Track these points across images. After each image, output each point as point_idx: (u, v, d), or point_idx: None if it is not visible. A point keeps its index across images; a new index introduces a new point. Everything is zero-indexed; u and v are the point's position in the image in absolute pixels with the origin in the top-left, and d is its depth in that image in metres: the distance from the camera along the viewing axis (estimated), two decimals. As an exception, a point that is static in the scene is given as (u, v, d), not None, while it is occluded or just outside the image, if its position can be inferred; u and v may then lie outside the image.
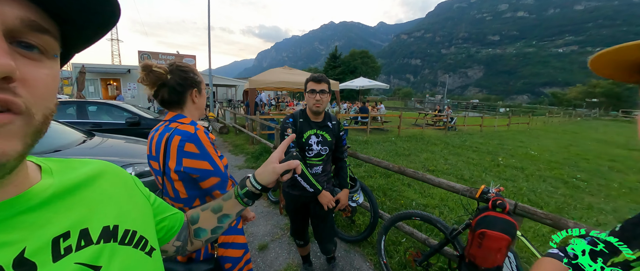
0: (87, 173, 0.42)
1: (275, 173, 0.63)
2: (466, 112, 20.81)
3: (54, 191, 0.36)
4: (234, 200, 0.66)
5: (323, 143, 1.81)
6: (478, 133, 12.59)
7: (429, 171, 5.44)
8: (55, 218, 0.34)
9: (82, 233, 0.36)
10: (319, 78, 1.72)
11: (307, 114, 1.82)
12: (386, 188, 4.25)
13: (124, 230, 0.42)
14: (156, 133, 1.12)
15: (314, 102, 1.71)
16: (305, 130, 1.79)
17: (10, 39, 0.26)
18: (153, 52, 18.22)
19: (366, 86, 14.58)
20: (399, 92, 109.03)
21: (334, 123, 1.89)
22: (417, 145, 8.25)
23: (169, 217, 0.60)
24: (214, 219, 0.67)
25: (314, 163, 1.83)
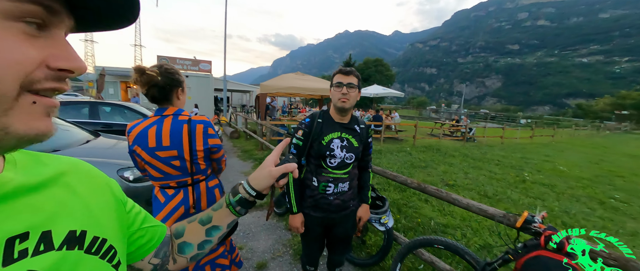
0: (56, 170, 0.39)
1: (271, 177, 0.58)
2: (485, 122, 19.88)
3: (15, 185, 0.32)
4: (226, 210, 0.60)
5: (349, 150, 1.52)
6: (499, 145, 11.94)
7: (448, 186, 5.04)
8: (13, 215, 0.31)
9: (43, 235, 0.32)
10: (347, 71, 1.47)
11: (330, 114, 1.55)
12: (401, 204, 3.91)
13: (92, 236, 0.38)
14: (166, 125, 1.35)
15: (340, 96, 1.45)
16: (327, 133, 1.51)
17: None
18: (171, 57, 18.65)
19: (380, 94, 14.25)
20: (413, 101, 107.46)
21: (362, 127, 1.61)
22: (434, 157, 7.81)
23: (148, 229, 0.54)
24: (201, 232, 0.60)
25: (338, 176, 1.51)
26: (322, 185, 1.53)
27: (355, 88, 1.48)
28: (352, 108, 1.57)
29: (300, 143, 1.54)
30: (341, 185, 1.55)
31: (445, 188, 4.77)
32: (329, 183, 1.52)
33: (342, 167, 1.53)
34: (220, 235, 0.61)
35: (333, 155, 1.50)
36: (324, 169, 1.53)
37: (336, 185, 1.53)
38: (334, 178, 1.52)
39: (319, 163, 1.54)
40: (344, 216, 1.62)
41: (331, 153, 1.49)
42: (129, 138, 1.37)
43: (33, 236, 0.31)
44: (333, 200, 1.54)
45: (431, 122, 19.04)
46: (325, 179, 1.52)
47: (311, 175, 1.57)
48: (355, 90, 1.49)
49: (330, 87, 1.53)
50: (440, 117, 44.10)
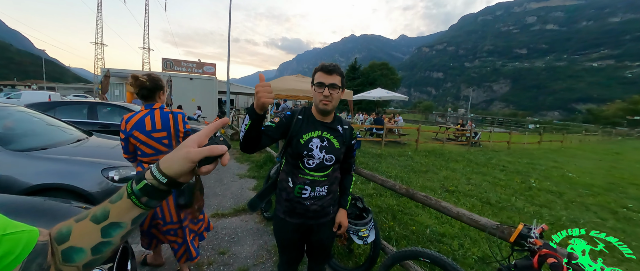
0: None
1: (188, 160, 0.46)
2: (491, 127, 19.38)
3: None
4: (127, 201, 0.47)
5: (329, 151, 1.41)
6: (505, 150, 11.61)
7: (448, 192, 4.83)
8: None
9: None
10: (330, 69, 1.35)
11: (312, 112, 1.44)
12: (396, 210, 3.72)
13: None
14: (158, 115, 1.88)
15: (321, 98, 1.35)
16: (306, 131, 1.40)
17: None
18: (175, 60, 18.83)
19: (384, 97, 14.06)
20: (419, 105, 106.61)
21: (345, 128, 1.50)
22: (436, 161, 7.58)
23: (2, 238, 0.41)
24: (95, 232, 0.47)
25: (315, 178, 1.40)
26: (298, 188, 1.40)
27: (338, 89, 1.36)
28: (335, 109, 1.44)
29: (273, 125, 1.39)
30: (319, 189, 1.42)
31: (445, 195, 4.56)
32: (306, 186, 1.40)
33: (321, 169, 1.41)
34: (124, 234, 0.49)
35: (311, 155, 1.38)
36: (300, 170, 1.40)
37: (313, 189, 1.40)
38: (311, 180, 1.40)
39: (296, 163, 1.41)
40: (322, 224, 1.49)
41: (309, 153, 1.38)
42: (127, 125, 1.81)
43: None
44: (310, 205, 1.41)
45: (436, 127, 18.74)
46: (302, 181, 1.39)
47: (287, 176, 1.45)
48: (338, 91, 1.37)
49: (312, 85, 1.40)
50: (446, 122, 43.53)
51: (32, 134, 3.12)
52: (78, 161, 2.67)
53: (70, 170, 2.53)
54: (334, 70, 1.35)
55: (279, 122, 1.42)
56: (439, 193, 4.67)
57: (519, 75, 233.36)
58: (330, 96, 1.34)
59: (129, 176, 2.88)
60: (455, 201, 4.37)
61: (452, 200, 4.41)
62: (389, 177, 5.44)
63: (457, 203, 4.29)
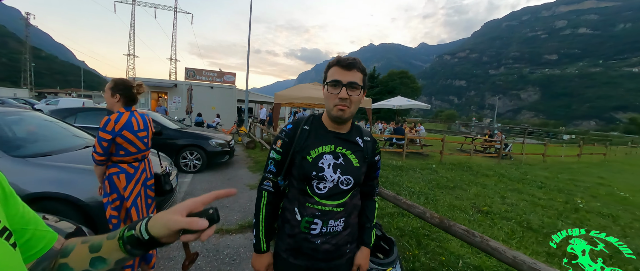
0: None
1: (167, 228, 0.48)
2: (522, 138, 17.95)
3: None
4: (116, 242, 0.51)
5: (346, 170, 1.08)
6: (540, 163, 10.61)
7: (481, 213, 4.26)
8: None
9: None
10: (348, 63, 1.02)
11: (323, 120, 1.14)
12: (421, 234, 3.25)
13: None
14: (138, 115, 2.03)
15: (337, 102, 1.01)
16: (315, 145, 1.08)
17: None
18: (197, 69, 19.37)
19: (404, 106, 13.52)
20: (441, 114, 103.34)
21: (366, 141, 1.16)
22: (464, 176, 6.94)
23: (35, 232, 0.49)
24: (86, 259, 0.51)
25: (329, 208, 1.06)
26: (306, 221, 1.06)
27: (359, 90, 1.02)
28: (353, 117, 1.10)
29: (279, 158, 1.11)
30: (333, 223, 1.07)
31: (477, 216, 4.03)
32: (316, 219, 1.06)
33: (336, 196, 1.07)
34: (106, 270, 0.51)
35: (322, 176, 1.05)
36: (309, 198, 1.07)
37: (326, 223, 1.06)
38: (323, 211, 1.06)
39: (302, 188, 1.08)
40: (336, 267, 1.14)
41: (320, 175, 1.05)
42: (116, 125, 1.84)
43: None
44: (321, 243, 1.07)
45: (461, 137, 17.75)
46: (311, 213, 1.06)
47: (292, 205, 1.12)
48: (359, 93, 1.03)
49: (324, 86, 1.07)
50: (470, 132, 41.60)
51: (39, 140, 3.07)
52: (78, 168, 2.53)
53: (67, 178, 2.41)
54: (353, 65, 1.02)
55: (283, 145, 1.12)
56: (470, 214, 4.12)
57: (549, 83, 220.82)
58: (348, 99, 1.00)
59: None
60: (490, 224, 3.82)
61: (486, 223, 3.86)
62: (412, 194, 4.96)
63: (492, 227, 3.74)
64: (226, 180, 5.52)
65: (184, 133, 6.29)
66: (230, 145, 6.76)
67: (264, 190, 1.14)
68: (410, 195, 4.85)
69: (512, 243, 3.31)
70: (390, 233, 3.30)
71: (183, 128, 6.71)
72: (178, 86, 17.00)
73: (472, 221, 3.87)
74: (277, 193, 1.16)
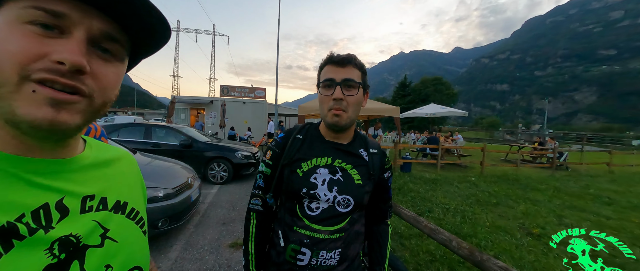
0: (112, 156, 0.54)
1: None
2: (580, 145, 15.73)
3: (90, 162, 0.47)
4: None
5: (344, 189, 0.89)
6: (605, 175, 9.13)
7: (531, 236, 3.64)
8: (88, 182, 0.45)
9: (102, 199, 0.46)
10: (342, 59, 0.86)
11: (320, 129, 0.98)
12: (455, 261, 2.80)
13: (131, 207, 0.51)
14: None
15: (331, 105, 0.86)
16: (308, 156, 0.92)
17: (92, 43, 0.37)
18: (231, 86, 20.46)
19: (439, 113, 12.70)
20: (482, 121, 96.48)
21: (373, 153, 0.97)
22: (510, 190, 6.15)
23: None
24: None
25: (322, 236, 0.86)
26: (291, 249, 0.87)
27: (356, 89, 0.85)
28: (354, 124, 0.93)
29: (268, 172, 0.97)
30: (325, 255, 0.86)
31: (527, 240, 3.44)
32: (303, 247, 0.85)
33: (331, 220, 0.87)
34: None
35: (315, 195, 0.87)
36: (297, 220, 0.88)
37: (316, 253, 0.85)
38: (314, 239, 0.85)
39: (292, 207, 0.90)
40: None
41: (311, 192, 0.87)
42: (97, 133, 1.88)
43: (97, 198, 0.45)
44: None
45: (505, 146, 16.18)
46: (298, 239, 0.86)
47: (278, 228, 0.93)
48: (356, 92, 0.85)
49: (318, 88, 0.91)
50: (517, 140, 38.05)
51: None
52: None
53: None
54: (348, 60, 0.85)
55: (272, 157, 0.96)
56: (518, 237, 3.53)
57: (608, 81, 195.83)
58: (343, 101, 0.83)
59: (151, 196, 2.90)
60: (544, 250, 3.21)
61: (539, 248, 3.26)
62: (446, 211, 4.45)
63: (546, 255, 3.14)
64: (249, 192, 5.49)
65: (212, 146, 6.49)
66: (256, 157, 6.81)
67: (253, 211, 0.98)
68: (444, 213, 4.35)
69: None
70: (418, 258, 2.92)
71: (212, 141, 6.93)
72: (214, 102, 17.99)
73: (520, 246, 3.30)
74: (267, 213, 0.98)
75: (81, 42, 0.35)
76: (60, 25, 0.34)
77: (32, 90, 0.33)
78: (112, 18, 0.38)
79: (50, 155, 0.41)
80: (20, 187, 0.36)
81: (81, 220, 0.41)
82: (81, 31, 0.36)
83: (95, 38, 0.37)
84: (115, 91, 0.42)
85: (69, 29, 0.35)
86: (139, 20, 0.40)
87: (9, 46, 0.32)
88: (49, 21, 0.33)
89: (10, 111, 0.33)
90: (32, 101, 0.33)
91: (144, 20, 0.40)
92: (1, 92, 0.33)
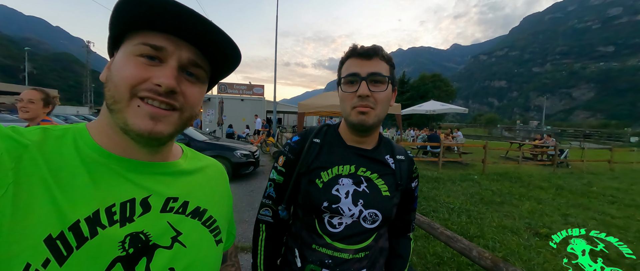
0: (204, 165, 0.60)
1: None
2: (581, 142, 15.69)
3: (183, 168, 0.54)
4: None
5: (370, 202, 0.78)
6: (607, 172, 9.10)
7: (538, 236, 3.56)
8: (175, 185, 0.51)
9: (183, 203, 0.50)
10: (367, 50, 0.74)
11: (340, 132, 0.87)
12: (464, 263, 2.72)
13: (209, 215, 0.54)
14: None
15: (355, 102, 0.74)
16: (329, 165, 0.81)
17: (182, 69, 0.46)
18: (229, 83, 20.22)
19: (438, 110, 12.67)
20: (480, 118, 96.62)
21: (400, 161, 0.86)
22: (513, 188, 6.08)
23: (231, 232, 0.68)
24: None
25: (345, 256, 0.76)
26: (310, 270, 0.76)
27: (384, 83, 0.73)
28: (380, 125, 0.81)
29: (281, 180, 0.86)
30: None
31: (535, 240, 3.36)
32: (325, 269, 0.75)
33: (356, 237, 0.77)
34: None
35: (337, 209, 0.76)
36: (317, 237, 0.78)
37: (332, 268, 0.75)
38: (337, 259, 0.76)
39: (310, 223, 0.80)
40: None
41: (334, 207, 0.76)
42: None
43: (179, 201, 0.50)
44: None
45: (506, 143, 16.16)
46: (318, 259, 0.77)
47: (293, 245, 0.83)
48: (384, 88, 0.74)
49: (338, 85, 0.80)
50: (515, 136, 38.12)
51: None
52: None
53: None
54: (374, 52, 0.73)
55: (285, 163, 0.85)
56: (526, 238, 3.45)
57: (606, 78, 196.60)
58: (370, 98, 0.73)
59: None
60: (554, 252, 3.13)
61: (547, 249, 3.18)
62: (451, 211, 4.37)
63: (556, 256, 3.06)
64: (249, 192, 5.39)
65: (210, 144, 6.36)
66: (255, 156, 6.69)
67: (262, 223, 0.88)
68: (449, 213, 4.27)
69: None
70: (425, 260, 2.83)
71: (210, 140, 6.80)
72: (211, 100, 17.81)
73: (529, 247, 3.22)
74: (279, 225, 0.88)
75: (174, 68, 0.44)
76: (160, 56, 0.44)
77: (137, 106, 0.43)
78: (198, 49, 0.47)
79: (147, 159, 0.48)
80: (118, 180, 0.43)
81: (158, 219, 0.46)
82: (174, 60, 0.44)
83: (184, 65, 0.46)
84: (199, 107, 0.51)
85: (165, 59, 0.44)
86: (218, 50, 0.49)
87: (125, 73, 0.42)
88: (152, 53, 0.43)
89: (123, 121, 0.43)
90: (137, 114, 0.43)
91: (222, 50, 0.49)
92: (118, 106, 0.42)
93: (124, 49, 0.44)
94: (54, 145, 0.41)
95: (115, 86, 0.42)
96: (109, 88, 0.43)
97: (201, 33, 0.45)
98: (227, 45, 0.48)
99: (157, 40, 0.43)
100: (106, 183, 0.42)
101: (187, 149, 0.60)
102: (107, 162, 0.43)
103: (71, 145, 0.43)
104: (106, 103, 0.44)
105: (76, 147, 0.43)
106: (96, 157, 0.43)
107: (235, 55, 0.51)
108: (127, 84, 0.42)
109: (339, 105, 0.81)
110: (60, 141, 0.42)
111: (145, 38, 0.43)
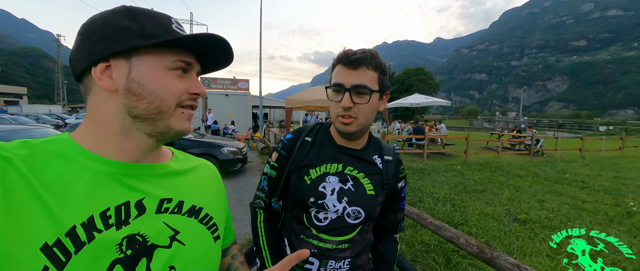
0: (195, 165, 0.61)
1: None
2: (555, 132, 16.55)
3: (175, 169, 0.55)
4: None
5: (354, 200, 0.83)
6: (578, 160, 9.68)
7: (517, 221, 3.78)
8: (168, 186, 0.52)
9: (179, 203, 0.52)
10: (353, 59, 0.74)
11: (331, 132, 0.90)
12: (450, 250, 2.85)
13: (205, 213, 0.56)
14: None
15: (339, 113, 0.78)
16: (318, 162, 0.85)
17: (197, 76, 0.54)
18: (212, 78, 19.66)
19: (423, 103, 12.91)
20: (462, 110, 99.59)
21: (388, 161, 0.89)
22: (493, 177, 6.37)
23: (229, 228, 0.71)
24: None
25: (329, 246, 0.82)
26: None
27: (367, 96, 0.75)
28: (366, 131, 0.86)
29: (274, 175, 0.90)
30: (334, 265, 0.82)
31: (514, 226, 3.56)
32: (311, 257, 0.81)
33: (340, 231, 0.82)
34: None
35: (323, 205, 0.81)
36: (305, 229, 0.83)
37: (324, 264, 0.82)
38: (321, 249, 0.81)
39: (299, 215, 0.84)
40: None
41: (319, 202, 0.81)
42: None
43: (173, 201, 0.51)
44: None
45: (486, 134, 16.78)
46: (306, 248, 0.80)
47: (285, 236, 0.89)
48: (368, 99, 0.75)
49: (327, 90, 0.84)
50: (495, 127, 39.60)
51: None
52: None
53: None
54: (361, 61, 0.74)
55: (278, 159, 0.89)
56: (505, 224, 3.65)
57: (578, 71, 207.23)
58: (353, 109, 0.75)
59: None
60: (531, 236, 3.34)
61: (525, 234, 3.39)
62: (436, 200, 4.54)
63: (533, 240, 3.27)
64: (238, 189, 5.35)
65: (195, 142, 6.22)
66: (243, 153, 6.61)
67: (257, 208, 0.93)
68: (435, 202, 4.43)
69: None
70: (414, 249, 2.95)
71: (195, 137, 6.65)
72: (194, 96, 17.36)
73: (509, 232, 3.41)
74: (272, 214, 0.94)
75: (197, 78, 0.52)
76: (187, 69, 0.50)
77: (181, 112, 0.49)
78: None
79: (138, 160, 0.49)
80: (111, 184, 0.44)
81: (153, 220, 0.47)
82: (194, 72, 0.52)
83: (198, 74, 0.54)
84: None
85: (190, 72, 0.51)
86: (221, 62, 0.56)
87: (172, 87, 0.47)
88: (184, 67, 0.49)
89: (167, 126, 0.48)
90: (181, 119, 0.50)
91: (223, 62, 0.57)
92: (163, 115, 0.47)
93: (152, 62, 0.46)
94: (40, 156, 0.41)
95: (162, 99, 0.46)
96: (150, 101, 0.46)
97: (216, 54, 0.53)
98: (229, 60, 0.56)
99: (188, 57, 0.50)
100: (99, 187, 0.42)
101: (176, 151, 0.61)
102: (98, 166, 0.44)
103: (58, 153, 0.42)
104: (139, 113, 0.46)
105: (63, 155, 0.42)
106: (85, 162, 0.43)
107: (229, 61, 0.57)
108: (176, 97, 0.48)
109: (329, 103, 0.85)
110: (46, 151, 0.42)
111: (180, 56, 0.48)
